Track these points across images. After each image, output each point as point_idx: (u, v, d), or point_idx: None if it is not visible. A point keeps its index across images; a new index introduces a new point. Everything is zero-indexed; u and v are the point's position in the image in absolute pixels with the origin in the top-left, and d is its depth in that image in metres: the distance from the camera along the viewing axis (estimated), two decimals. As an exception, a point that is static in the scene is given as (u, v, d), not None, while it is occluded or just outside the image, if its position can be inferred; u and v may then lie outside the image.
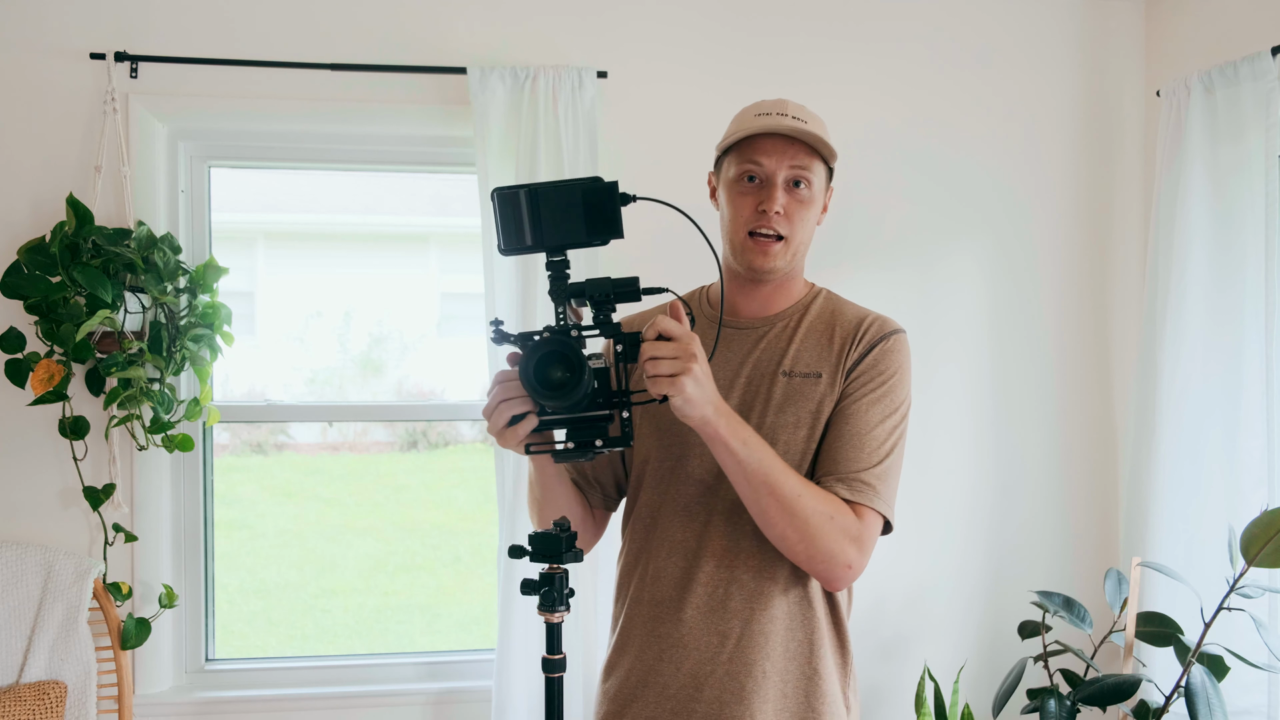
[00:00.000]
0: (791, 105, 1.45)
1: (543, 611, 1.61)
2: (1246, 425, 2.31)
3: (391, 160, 2.65)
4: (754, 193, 1.44)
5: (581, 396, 1.22)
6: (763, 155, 1.43)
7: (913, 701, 2.60)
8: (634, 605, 1.51)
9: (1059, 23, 2.75)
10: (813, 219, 1.47)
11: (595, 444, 1.26)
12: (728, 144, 1.47)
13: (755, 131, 1.42)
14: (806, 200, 1.44)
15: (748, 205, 1.45)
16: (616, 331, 1.27)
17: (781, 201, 1.42)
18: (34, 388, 2.24)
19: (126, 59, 2.39)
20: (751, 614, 1.42)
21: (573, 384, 1.21)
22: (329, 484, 3.40)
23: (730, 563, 1.44)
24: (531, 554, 1.63)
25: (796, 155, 1.42)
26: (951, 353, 2.71)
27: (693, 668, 1.43)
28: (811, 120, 1.44)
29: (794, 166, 1.42)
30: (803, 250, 1.48)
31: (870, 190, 2.67)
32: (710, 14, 2.62)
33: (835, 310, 1.53)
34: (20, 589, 2.28)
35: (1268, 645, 2.09)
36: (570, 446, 1.27)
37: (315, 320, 2.83)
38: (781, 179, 1.42)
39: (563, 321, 1.28)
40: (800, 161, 1.42)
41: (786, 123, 1.41)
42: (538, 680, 2.41)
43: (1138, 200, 2.78)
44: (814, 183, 1.44)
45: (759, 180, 1.44)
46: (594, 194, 1.26)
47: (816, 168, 1.44)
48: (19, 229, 2.37)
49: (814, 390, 1.44)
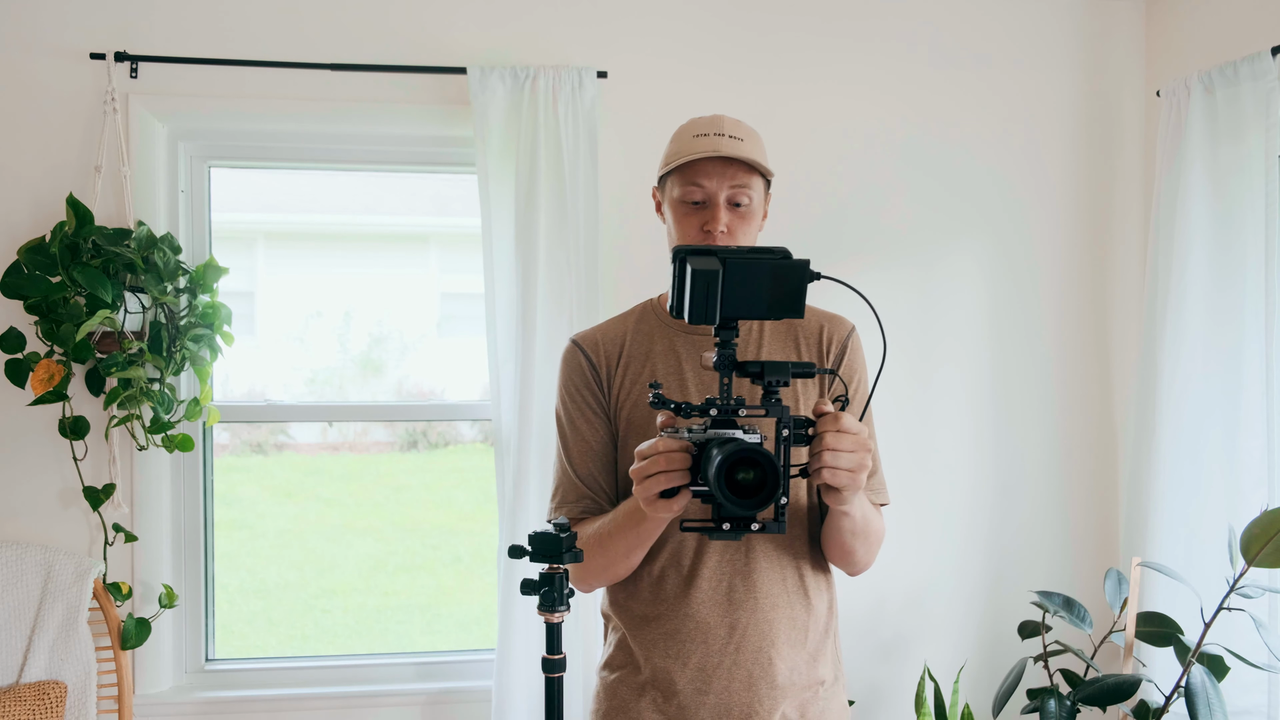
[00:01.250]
0: (728, 123, 1.51)
1: (543, 611, 1.61)
2: (1246, 425, 2.31)
3: (391, 160, 2.65)
4: (697, 213, 1.51)
5: (768, 500, 1.18)
6: (703, 177, 1.49)
7: (913, 701, 2.60)
8: (636, 600, 1.52)
9: (1059, 23, 2.75)
10: (754, 229, 1.54)
11: (751, 526, 1.22)
12: (669, 167, 1.52)
13: (694, 156, 1.47)
14: (748, 215, 1.51)
15: (693, 225, 1.51)
16: (784, 413, 1.25)
17: (724, 220, 1.48)
18: (34, 388, 2.24)
19: (126, 59, 2.39)
20: (756, 604, 1.47)
21: (766, 492, 1.18)
22: (329, 484, 3.40)
23: (732, 554, 1.48)
24: (531, 554, 1.63)
25: (735, 175, 1.48)
26: (951, 352, 2.71)
27: (700, 660, 1.46)
28: (749, 138, 1.51)
29: (734, 186, 1.49)
30: None
31: (870, 190, 2.67)
32: (710, 14, 2.62)
33: None
34: (20, 589, 2.28)
35: (1268, 645, 2.09)
36: (726, 527, 1.22)
37: (315, 320, 2.83)
38: (723, 199, 1.49)
39: (727, 396, 1.25)
40: (739, 181, 1.49)
41: (725, 144, 1.47)
42: (538, 680, 2.41)
43: (1138, 200, 2.78)
44: (754, 197, 1.51)
45: (701, 202, 1.50)
46: (784, 270, 1.24)
47: (755, 183, 1.50)
48: (19, 229, 2.38)
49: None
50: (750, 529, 1.22)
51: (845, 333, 1.57)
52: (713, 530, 1.23)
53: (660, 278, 2.12)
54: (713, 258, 1.23)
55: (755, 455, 1.17)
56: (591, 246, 2.46)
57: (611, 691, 1.54)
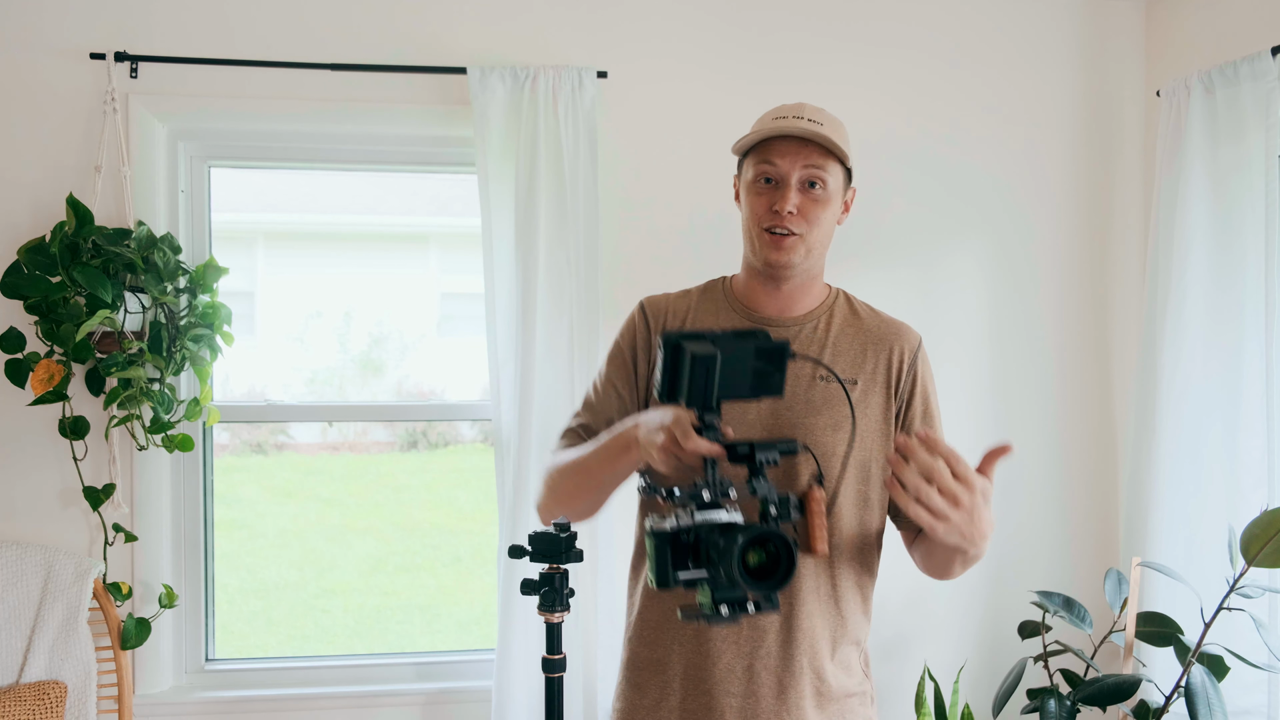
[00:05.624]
0: (809, 108, 1.48)
1: (543, 611, 1.61)
2: (1246, 425, 2.31)
3: (391, 160, 2.65)
4: (769, 193, 1.47)
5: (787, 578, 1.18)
6: (777, 156, 1.46)
7: (913, 701, 2.60)
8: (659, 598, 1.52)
9: (1059, 23, 2.75)
10: (829, 218, 1.49)
11: (748, 608, 1.21)
12: (745, 147, 1.50)
13: (769, 134, 1.45)
14: (822, 200, 1.47)
15: (763, 204, 1.48)
16: (771, 492, 1.26)
17: (795, 201, 1.45)
18: (34, 388, 2.24)
19: (126, 59, 2.39)
20: (791, 610, 1.46)
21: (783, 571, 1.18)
22: (329, 484, 3.40)
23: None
24: (531, 554, 1.63)
25: (810, 156, 1.45)
26: (951, 352, 2.71)
27: (730, 663, 1.46)
28: (828, 123, 1.47)
29: (807, 166, 1.45)
30: (819, 249, 1.50)
31: (870, 190, 2.67)
32: (710, 14, 2.62)
33: (858, 315, 1.57)
34: (20, 589, 2.28)
35: (1268, 645, 2.09)
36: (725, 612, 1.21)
37: (315, 320, 2.83)
38: (795, 179, 1.45)
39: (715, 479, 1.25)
40: (814, 162, 1.45)
41: (801, 125, 1.44)
42: (538, 680, 2.41)
43: (1138, 200, 2.79)
44: (829, 183, 1.47)
45: (774, 181, 1.47)
46: (765, 355, 1.26)
47: (832, 168, 1.47)
48: (19, 229, 2.38)
49: (847, 395, 1.48)
50: (747, 610, 1.21)
51: (914, 346, 1.55)
52: (711, 617, 1.22)
53: (662, 277, 2.12)
54: (706, 342, 1.25)
55: (768, 536, 1.17)
56: (591, 246, 2.46)
57: (637, 690, 1.53)
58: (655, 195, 2.59)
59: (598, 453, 1.45)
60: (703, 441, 1.24)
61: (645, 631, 1.53)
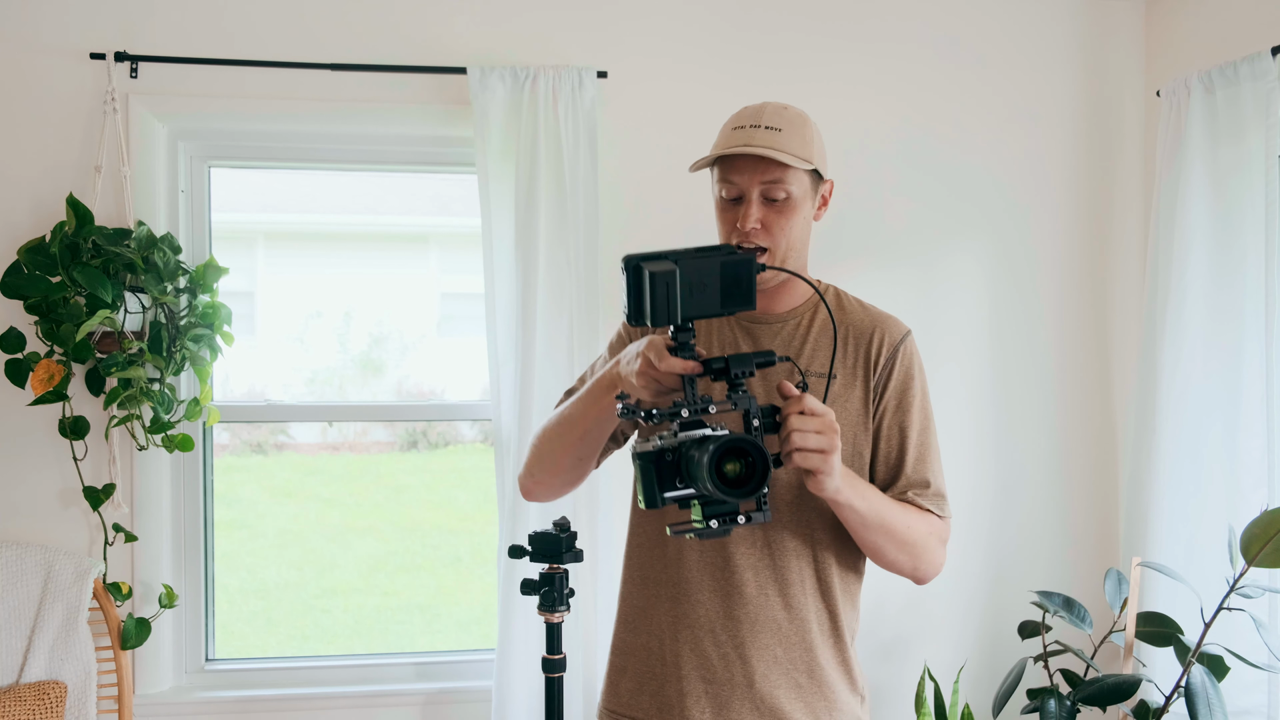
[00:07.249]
0: (768, 112, 1.45)
1: (543, 611, 1.61)
2: (1246, 425, 2.31)
3: (391, 160, 2.65)
4: (732, 209, 1.47)
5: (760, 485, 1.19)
6: (734, 174, 1.45)
7: (913, 702, 2.60)
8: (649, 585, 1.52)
9: (1059, 23, 2.75)
10: (798, 224, 1.47)
11: (739, 519, 1.23)
12: (700, 167, 1.49)
13: (724, 153, 1.44)
14: (786, 210, 1.45)
15: (728, 223, 1.48)
16: (752, 404, 1.26)
17: (756, 217, 1.43)
18: (34, 388, 2.24)
19: (126, 59, 2.39)
20: (767, 599, 1.46)
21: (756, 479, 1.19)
22: (329, 484, 3.41)
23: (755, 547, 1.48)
24: (531, 554, 1.63)
25: (768, 171, 1.42)
26: (951, 352, 2.71)
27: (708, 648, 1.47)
28: (788, 126, 1.43)
29: (766, 182, 1.43)
30: (794, 253, 1.49)
31: (870, 190, 2.67)
32: (710, 14, 2.62)
33: (845, 310, 1.55)
34: (20, 589, 2.28)
35: (1268, 645, 2.09)
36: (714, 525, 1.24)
37: (315, 320, 2.83)
38: (755, 194, 1.44)
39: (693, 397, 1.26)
40: (772, 177, 1.42)
41: (759, 136, 1.41)
42: (538, 680, 2.40)
43: (1138, 200, 2.78)
44: (792, 192, 1.44)
45: (738, 198, 1.46)
46: (732, 266, 1.27)
47: (793, 176, 1.44)
48: (19, 229, 2.37)
49: (829, 390, 1.48)
50: (738, 522, 1.23)
51: (898, 338, 1.51)
52: (701, 530, 1.24)
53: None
54: (666, 260, 1.26)
55: (742, 444, 1.18)
56: (591, 246, 2.46)
57: (623, 675, 1.54)
58: (655, 195, 2.59)
59: (582, 397, 1.46)
60: (676, 360, 1.26)
61: (630, 616, 1.54)
